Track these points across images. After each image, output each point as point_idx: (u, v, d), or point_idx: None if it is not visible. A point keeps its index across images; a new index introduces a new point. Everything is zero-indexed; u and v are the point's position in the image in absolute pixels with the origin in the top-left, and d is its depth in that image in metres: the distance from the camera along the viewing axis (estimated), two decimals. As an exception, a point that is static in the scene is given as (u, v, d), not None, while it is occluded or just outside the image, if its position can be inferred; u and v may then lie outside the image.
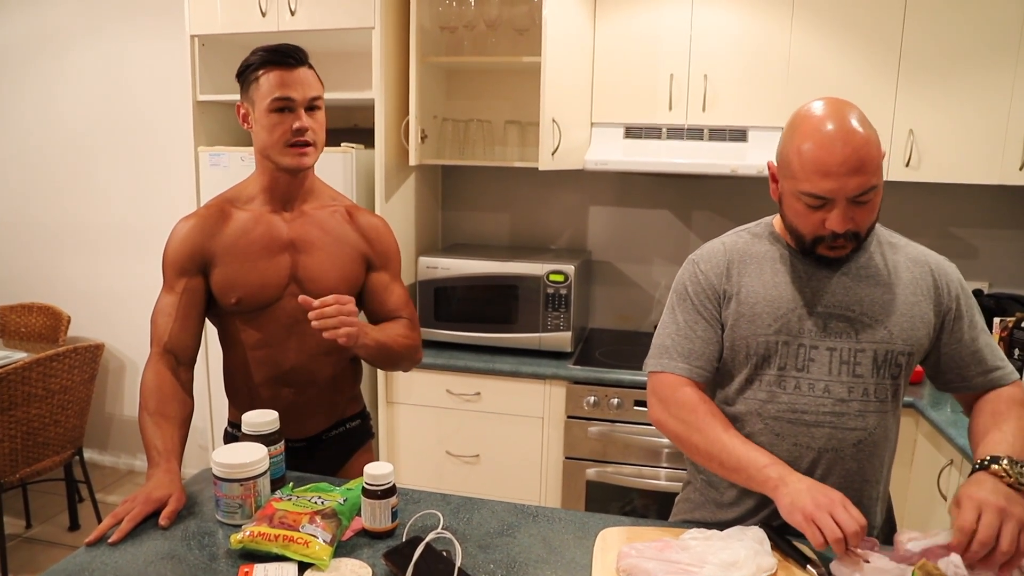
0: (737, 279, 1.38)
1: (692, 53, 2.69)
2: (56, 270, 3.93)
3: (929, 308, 1.34)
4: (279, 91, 1.52)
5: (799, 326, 1.32)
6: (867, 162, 1.19)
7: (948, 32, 2.50)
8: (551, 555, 1.24)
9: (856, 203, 1.22)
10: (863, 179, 1.19)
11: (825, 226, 1.24)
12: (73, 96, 3.71)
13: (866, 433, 1.33)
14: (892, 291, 1.33)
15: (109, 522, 1.26)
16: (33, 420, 2.82)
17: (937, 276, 1.36)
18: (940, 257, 1.40)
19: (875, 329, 1.31)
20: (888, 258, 1.37)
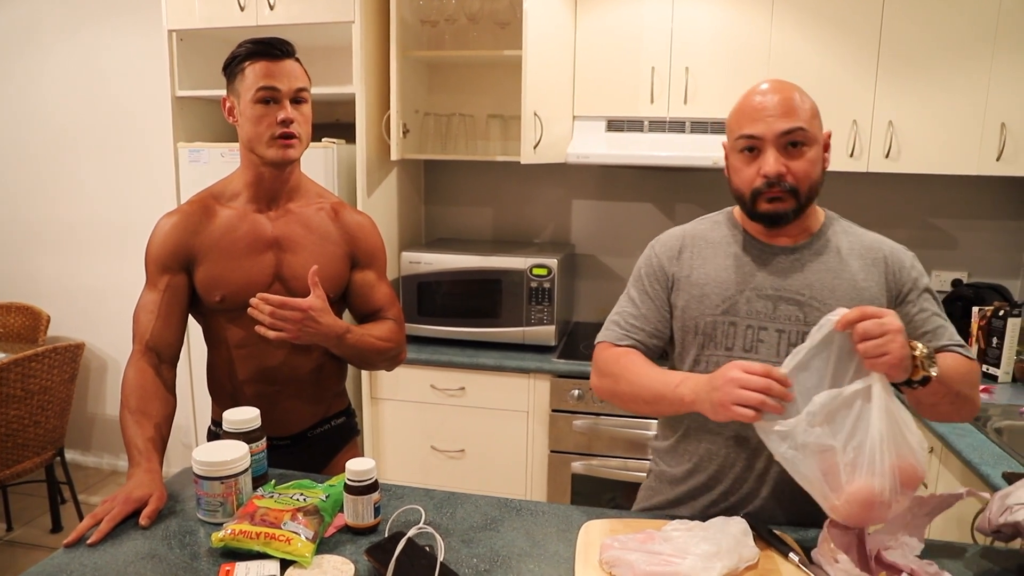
0: (689, 262, 1.42)
1: (673, 46, 2.70)
2: (35, 268, 3.88)
3: (880, 293, 1.35)
4: (264, 81, 1.50)
5: (747, 307, 1.35)
6: (795, 107, 1.27)
7: (927, 24, 2.52)
8: (534, 548, 1.24)
9: (787, 149, 1.28)
10: (790, 121, 1.26)
11: (760, 173, 1.29)
12: (51, 92, 3.66)
13: None
14: (841, 276, 1.35)
15: (88, 523, 1.25)
16: (12, 421, 2.79)
17: (890, 262, 1.37)
18: (897, 245, 1.41)
19: (822, 312, 1.29)
20: (842, 245, 1.39)
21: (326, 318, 1.48)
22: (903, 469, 1.06)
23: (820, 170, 1.32)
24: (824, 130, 1.35)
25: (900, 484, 1.06)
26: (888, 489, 1.05)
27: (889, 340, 1.08)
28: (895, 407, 1.08)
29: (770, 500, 1.37)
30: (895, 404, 1.08)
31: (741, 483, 1.39)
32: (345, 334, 1.54)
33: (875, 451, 1.05)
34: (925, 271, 1.40)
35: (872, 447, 1.05)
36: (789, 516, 1.36)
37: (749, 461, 1.37)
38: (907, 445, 1.07)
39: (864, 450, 1.06)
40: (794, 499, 1.33)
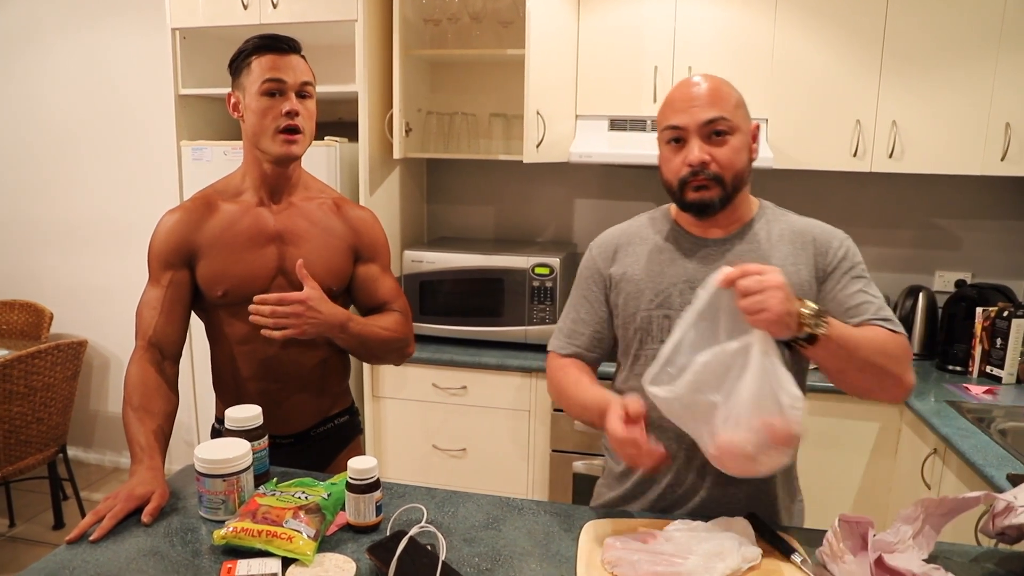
0: (624, 260, 1.45)
1: (676, 45, 2.69)
2: (38, 266, 3.88)
3: (809, 276, 1.35)
4: (270, 73, 1.51)
5: (681, 300, 1.36)
6: (716, 98, 1.30)
7: (931, 24, 2.51)
8: (536, 548, 1.23)
9: (711, 139, 1.30)
10: (712, 111, 1.29)
11: (685, 162, 1.31)
12: (54, 91, 3.67)
13: None
14: (770, 262, 1.35)
15: (90, 519, 1.25)
16: (15, 418, 2.80)
17: (818, 244, 1.37)
18: (829, 228, 1.40)
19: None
20: (772, 232, 1.39)
21: (325, 306, 1.49)
22: (774, 427, 1.08)
23: (745, 159, 1.34)
24: (753, 122, 1.38)
25: (770, 441, 1.08)
26: (753, 443, 1.09)
27: (768, 296, 1.09)
28: (771, 365, 1.10)
29: (715, 490, 1.39)
30: (771, 362, 1.10)
31: (684, 475, 1.40)
32: (348, 322, 1.54)
33: (744, 407, 1.09)
34: (859, 251, 1.38)
35: (742, 403, 1.09)
36: (735, 506, 1.37)
37: (689, 454, 1.37)
38: (777, 404, 1.08)
39: (736, 405, 1.10)
40: (739, 488, 1.37)
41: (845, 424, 2.49)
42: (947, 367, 2.67)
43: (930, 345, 2.80)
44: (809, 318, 1.13)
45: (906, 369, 1.27)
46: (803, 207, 2.97)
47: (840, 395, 2.46)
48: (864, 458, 2.50)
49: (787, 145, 2.67)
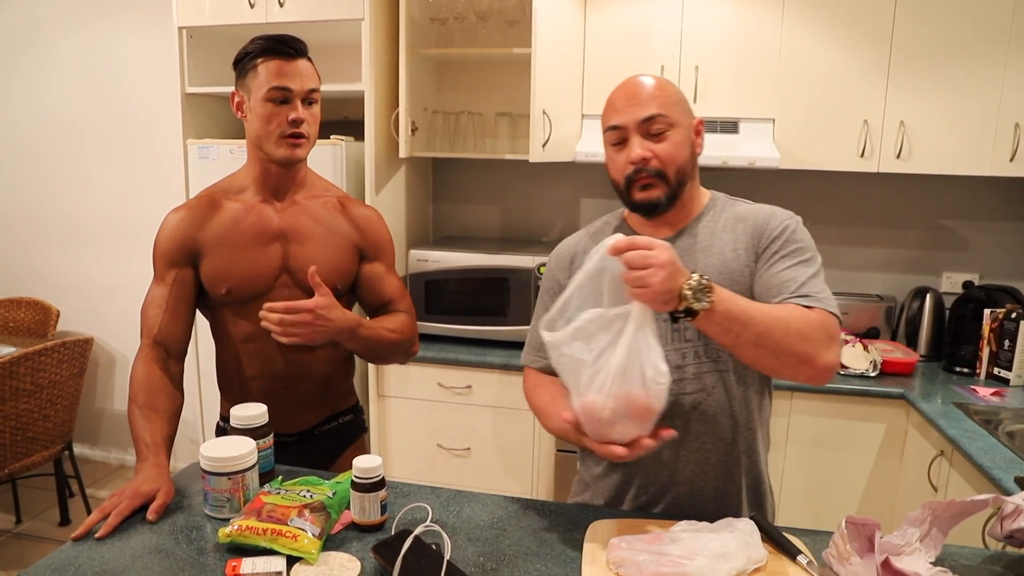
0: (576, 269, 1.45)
1: (683, 45, 2.69)
2: (45, 264, 3.90)
3: (748, 261, 1.34)
4: (277, 80, 1.50)
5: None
6: (654, 96, 1.32)
7: (939, 23, 2.50)
8: (541, 548, 1.23)
9: (650, 136, 1.31)
10: (649, 109, 1.31)
11: (628, 161, 1.32)
12: (61, 89, 3.68)
13: (704, 394, 1.36)
14: (712, 253, 1.36)
15: (96, 516, 1.25)
16: (22, 415, 2.81)
17: (757, 227, 1.35)
18: (773, 211, 1.37)
19: None
20: (718, 223, 1.39)
21: (335, 313, 1.48)
22: (634, 398, 1.11)
23: (687, 153, 1.35)
24: (695, 118, 1.38)
25: (629, 411, 1.12)
26: (610, 410, 1.12)
27: (651, 273, 1.09)
28: (643, 338, 1.11)
29: (686, 487, 1.40)
30: (644, 335, 1.11)
31: (655, 474, 1.41)
32: (357, 328, 1.54)
33: (609, 373, 1.11)
34: (803, 232, 1.34)
35: (608, 369, 1.11)
36: (709, 502, 1.39)
37: (655, 453, 1.34)
38: (642, 376, 1.11)
39: (602, 370, 1.12)
40: (709, 484, 1.38)
41: (851, 425, 2.48)
42: (954, 369, 2.66)
43: (937, 347, 2.78)
44: (689, 294, 1.11)
45: (818, 348, 1.21)
46: (810, 207, 2.98)
47: (846, 396, 2.46)
48: (870, 459, 2.49)
49: (794, 145, 2.66)
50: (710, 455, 1.39)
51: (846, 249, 3.03)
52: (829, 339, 1.23)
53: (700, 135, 1.39)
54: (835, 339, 1.25)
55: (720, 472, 1.40)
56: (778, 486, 2.59)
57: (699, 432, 1.38)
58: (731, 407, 1.37)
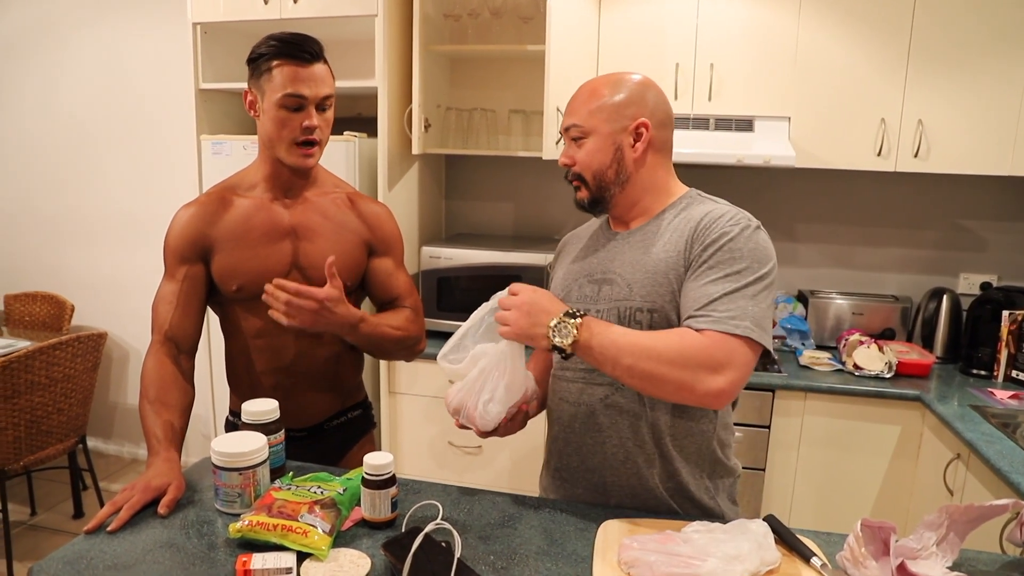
0: (561, 262, 1.55)
1: (698, 42, 2.67)
2: (60, 259, 3.92)
3: (676, 265, 1.32)
4: (292, 87, 1.49)
5: (579, 293, 1.43)
6: (576, 106, 1.40)
7: (959, 21, 2.47)
8: (552, 547, 1.22)
9: (571, 141, 1.41)
10: (568, 119, 1.41)
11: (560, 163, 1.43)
12: (75, 85, 3.70)
13: (612, 389, 1.37)
14: (649, 251, 1.36)
15: (108, 510, 1.25)
16: (37, 408, 2.82)
17: (697, 231, 1.30)
18: (721, 214, 1.31)
19: (620, 287, 1.36)
20: (672, 222, 1.38)
21: (341, 308, 1.47)
22: (469, 413, 1.35)
23: (606, 159, 1.38)
24: (636, 120, 1.36)
25: (469, 419, 1.35)
26: (462, 415, 1.36)
27: (509, 315, 1.27)
28: (496, 370, 1.33)
29: (595, 475, 1.42)
30: (499, 368, 1.32)
31: (566, 458, 1.46)
32: (360, 323, 1.53)
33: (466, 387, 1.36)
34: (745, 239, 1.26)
35: (469, 384, 1.35)
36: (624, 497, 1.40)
37: (566, 437, 1.45)
38: (478, 400, 1.34)
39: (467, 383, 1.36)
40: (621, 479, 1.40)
41: (865, 427, 2.46)
42: (971, 371, 2.63)
43: (954, 348, 2.75)
44: (550, 332, 1.24)
45: (698, 376, 1.19)
46: (825, 206, 2.96)
47: (861, 397, 2.44)
48: (884, 462, 2.47)
49: (810, 144, 2.63)
50: (616, 451, 1.39)
51: (862, 249, 3.00)
52: (716, 366, 1.19)
53: (641, 139, 1.36)
54: (725, 365, 1.19)
55: (631, 471, 1.39)
56: (790, 487, 2.57)
57: (604, 425, 1.40)
58: (639, 408, 1.36)
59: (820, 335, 2.89)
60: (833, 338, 2.87)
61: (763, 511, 2.54)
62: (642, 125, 1.36)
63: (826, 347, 2.87)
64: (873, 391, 2.43)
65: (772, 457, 2.55)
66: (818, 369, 2.61)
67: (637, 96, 1.38)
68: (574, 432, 1.43)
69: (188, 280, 1.57)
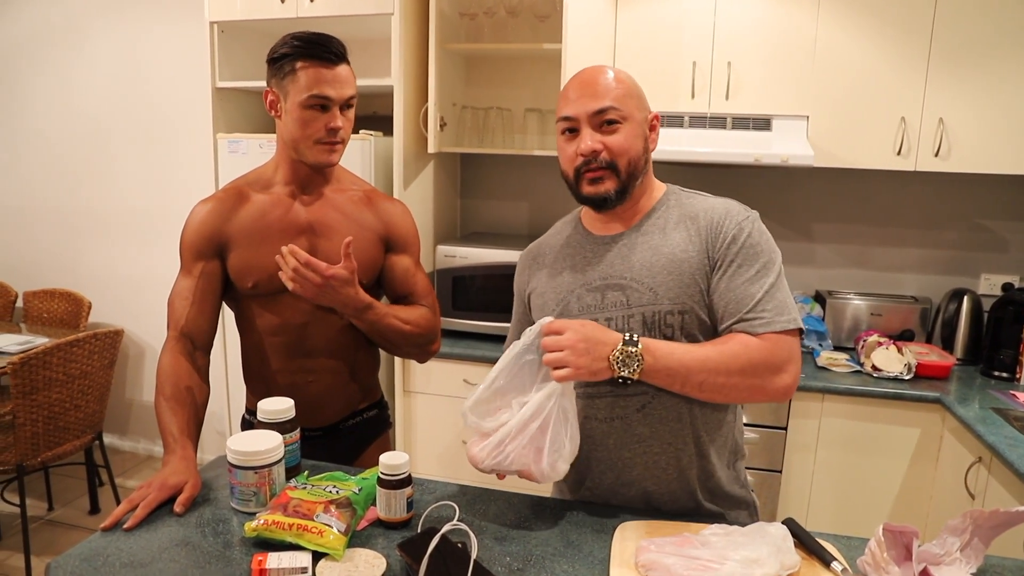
0: (536, 275, 1.47)
1: (716, 40, 2.64)
2: (77, 257, 3.95)
3: (701, 264, 1.30)
4: (317, 88, 1.49)
5: (579, 304, 1.36)
6: (605, 89, 1.31)
7: (982, 17, 2.43)
8: (568, 548, 1.21)
9: (602, 128, 1.30)
10: (599, 102, 1.29)
11: (578, 152, 1.31)
12: (92, 83, 3.72)
13: (649, 397, 1.33)
14: (661, 252, 1.32)
15: (124, 507, 1.26)
16: (54, 404, 2.85)
17: (712, 228, 1.30)
18: (726, 207, 1.33)
19: (642, 292, 1.31)
20: (671, 218, 1.35)
21: (347, 289, 1.46)
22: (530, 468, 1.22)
23: (641, 147, 1.33)
24: (652, 112, 1.37)
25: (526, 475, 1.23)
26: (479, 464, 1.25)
27: (566, 355, 1.18)
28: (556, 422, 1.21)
29: (634, 489, 1.38)
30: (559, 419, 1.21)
31: (600, 476, 1.40)
32: (366, 309, 1.52)
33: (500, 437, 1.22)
34: (759, 231, 1.30)
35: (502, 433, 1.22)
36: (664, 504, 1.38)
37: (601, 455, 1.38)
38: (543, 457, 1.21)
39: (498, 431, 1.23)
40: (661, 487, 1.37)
41: (884, 429, 2.43)
42: (992, 373, 2.59)
43: (975, 350, 2.72)
44: (616, 363, 1.19)
45: (766, 379, 1.24)
46: (843, 206, 2.93)
47: (879, 399, 2.41)
48: (903, 464, 2.44)
49: (828, 143, 2.60)
50: (657, 458, 1.36)
51: (880, 249, 2.97)
52: (780, 365, 1.24)
53: (655, 130, 1.37)
54: (788, 361, 1.25)
55: (673, 477, 1.37)
56: (807, 489, 2.54)
57: (643, 435, 1.35)
58: (678, 411, 1.34)
59: (838, 336, 2.87)
60: (851, 339, 2.84)
61: (780, 514, 2.52)
62: (656, 118, 1.38)
63: (844, 348, 2.84)
64: (892, 393, 2.40)
65: (789, 459, 2.52)
66: (836, 370, 2.58)
67: (632, 80, 1.38)
68: (608, 449, 1.37)
69: (204, 276, 1.57)
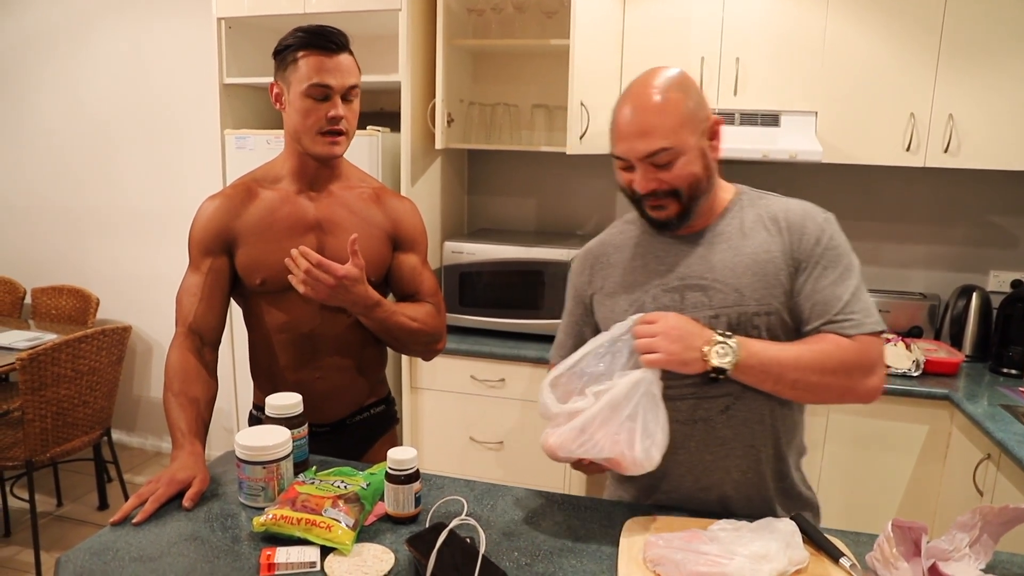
0: (601, 275, 1.45)
1: (724, 35, 2.63)
2: (85, 253, 3.97)
3: (785, 265, 1.29)
4: (317, 77, 1.49)
5: (654, 305, 1.34)
6: (654, 126, 1.24)
7: (991, 15, 2.42)
8: (576, 543, 1.21)
9: (655, 165, 1.25)
10: (648, 142, 1.23)
11: (634, 187, 1.29)
12: (99, 80, 3.73)
13: (732, 399, 1.31)
14: (743, 252, 1.31)
15: (133, 502, 1.26)
16: (63, 400, 2.86)
17: (793, 230, 1.30)
18: (804, 209, 1.33)
19: (727, 293, 1.30)
20: (747, 219, 1.34)
21: (359, 287, 1.47)
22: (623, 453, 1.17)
23: (700, 169, 1.28)
24: (711, 118, 1.31)
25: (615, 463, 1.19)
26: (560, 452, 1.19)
27: (657, 341, 1.17)
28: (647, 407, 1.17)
29: (713, 492, 1.36)
30: (649, 405, 1.17)
31: (679, 480, 1.38)
32: (376, 307, 1.53)
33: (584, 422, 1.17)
34: (838, 233, 1.31)
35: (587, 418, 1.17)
36: (739, 509, 1.35)
37: (680, 458, 1.35)
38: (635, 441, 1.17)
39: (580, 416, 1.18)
40: (740, 491, 1.35)
41: (892, 426, 2.43)
42: (1001, 370, 2.58)
43: (983, 347, 2.70)
44: (713, 356, 1.18)
45: (857, 380, 1.25)
46: (852, 202, 2.92)
47: (887, 396, 2.40)
48: (911, 461, 2.43)
49: (837, 139, 2.59)
50: (739, 461, 1.35)
51: (889, 245, 2.95)
52: (871, 366, 1.26)
53: (717, 136, 1.32)
54: (877, 363, 1.26)
55: (751, 480, 1.36)
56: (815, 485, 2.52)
57: (726, 438, 1.34)
58: (760, 412, 1.33)
59: (846, 333, 2.85)
60: (859, 336, 2.83)
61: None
62: (717, 123, 1.32)
63: (852, 345, 2.82)
64: (900, 389, 2.39)
65: (796, 456, 2.51)
66: (844, 367, 2.57)
67: (698, 93, 1.31)
68: (688, 452, 1.34)
69: (212, 272, 1.57)
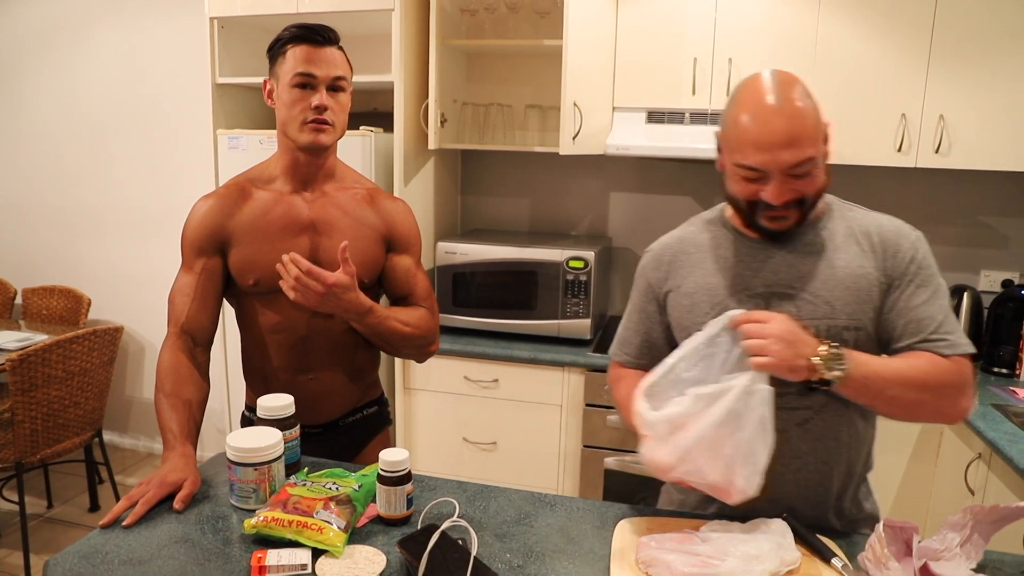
0: (679, 273, 1.40)
1: (717, 36, 2.64)
2: (77, 253, 3.95)
3: (876, 279, 1.28)
4: (302, 66, 1.50)
5: (738, 309, 1.28)
6: (801, 135, 1.17)
7: (982, 15, 2.43)
8: (569, 545, 1.21)
9: (793, 176, 1.20)
10: (796, 152, 1.17)
11: (761, 197, 1.23)
12: (92, 79, 3.72)
13: (812, 412, 1.29)
14: (835, 264, 1.28)
15: (123, 504, 1.26)
16: (53, 402, 2.84)
17: (887, 246, 1.29)
18: (897, 226, 1.33)
19: (817, 305, 1.27)
20: (838, 231, 1.32)
21: (349, 295, 1.47)
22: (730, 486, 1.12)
23: (826, 174, 1.25)
24: (826, 122, 1.25)
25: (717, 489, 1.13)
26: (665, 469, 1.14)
27: (769, 344, 1.11)
28: (741, 411, 1.11)
29: (778, 507, 1.29)
30: (744, 408, 1.11)
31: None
32: (367, 313, 1.52)
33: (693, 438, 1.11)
34: (929, 252, 1.31)
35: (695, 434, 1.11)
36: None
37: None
38: (724, 459, 1.11)
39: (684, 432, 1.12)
40: (807, 510, 1.32)
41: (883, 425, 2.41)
42: (992, 370, 2.59)
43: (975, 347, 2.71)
44: (822, 364, 1.13)
45: (952, 399, 1.23)
46: (844, 203, 2.92)
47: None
48: (903, 461, 2.44)
49: (829, 139, 2.60)
50: (811, 476, 1.32)
51: (881, 246, 2.96)
52: (964, 386, 1.24)
53: (827, 140, 1.26)
54: (969, 384, 1.25)
55: (820, 495, 1.34)
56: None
57: (801, 451, 1.31)
58: (837, 428, 1.31)
59: (838, 333, 2.86)
60: (851, 336, 2.84)
61: (780, 510, 2.52)
62: (828, 125, 1.26)
63: (844, 345, 2.83)
64: (892, 390, 2.39)
65: (789, 456, 2.52)
66: (836, 367, 2.58)
67: (809, 92, 1.23)
68: None
69: (205, 272, 1.57)
